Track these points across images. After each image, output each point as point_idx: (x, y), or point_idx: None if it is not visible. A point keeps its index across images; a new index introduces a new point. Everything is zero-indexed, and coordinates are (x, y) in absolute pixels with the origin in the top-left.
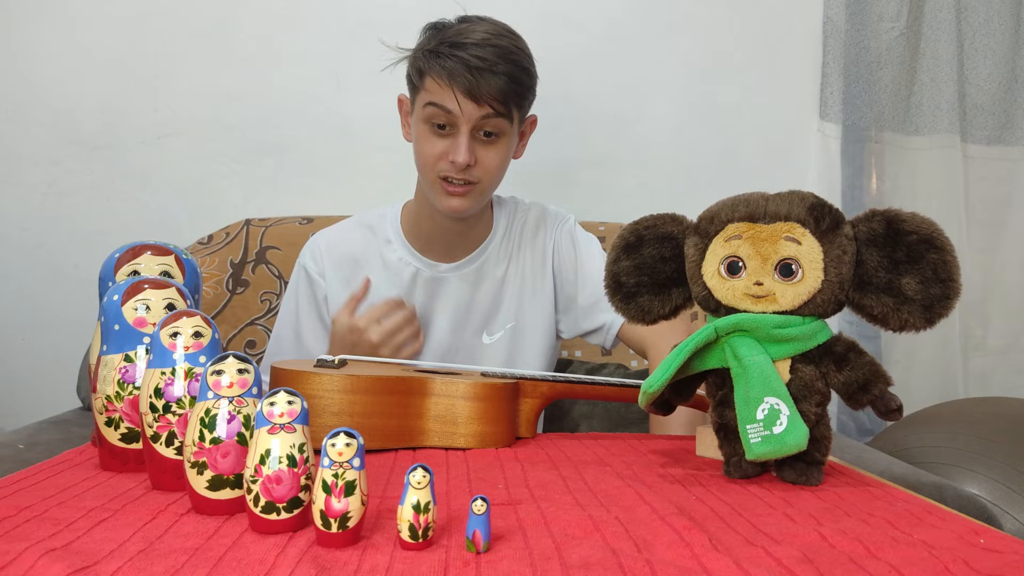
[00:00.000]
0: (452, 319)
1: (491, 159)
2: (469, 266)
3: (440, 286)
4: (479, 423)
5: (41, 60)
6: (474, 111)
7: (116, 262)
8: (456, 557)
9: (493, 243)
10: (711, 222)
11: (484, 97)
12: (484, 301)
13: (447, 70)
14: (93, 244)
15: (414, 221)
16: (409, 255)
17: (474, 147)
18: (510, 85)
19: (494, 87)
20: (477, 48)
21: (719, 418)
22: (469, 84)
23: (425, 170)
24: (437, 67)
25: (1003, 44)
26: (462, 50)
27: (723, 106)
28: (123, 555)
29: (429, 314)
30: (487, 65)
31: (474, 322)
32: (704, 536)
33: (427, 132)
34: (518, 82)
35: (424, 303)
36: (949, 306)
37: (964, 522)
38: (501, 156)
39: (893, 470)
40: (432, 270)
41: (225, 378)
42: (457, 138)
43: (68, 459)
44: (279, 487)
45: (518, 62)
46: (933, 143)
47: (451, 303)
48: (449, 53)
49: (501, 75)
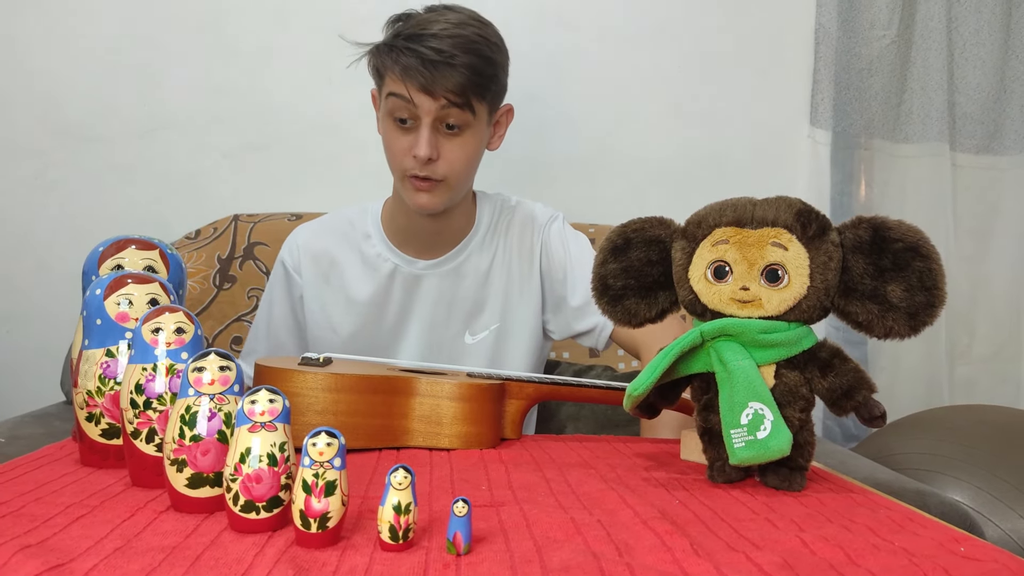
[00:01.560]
0: (431, 317)
1: (455, 153)
2: (449, 263)
3: (419, 283)
4: (464, 424)
5: (29, 51)
6: (430, 105)
7: (100, 256)
8: (436, 559)
9: (475, 239)
10: (699, 226)
11: (439, 91)
12: (465, 299)
13: (400, 65)
14: (79, 237)
15: (392, 217)
16: (388, 251)
17: (437, 140)
18: (470, 77)
19: (450, 80)
20: (434, 40)
21: (704, 422)
22: (424, 79)
23: (392, 166)
24: (390, 62)
25: (993, 54)
26: (418, 43)
27: (714, 110)
28: (99, 552)
29: (408, 312)
30: (443, 58)
31: (455, 321)
32: (686, 541)
33: (392, 127)
34: (479, 73)
35: (402, 300)
36: (934, 314)
37: (945, 530)
38: (467, 150)
39: (877, 476)
40: (411, 266)
41: (206, 375)
42: (418, 131)
43: (48, 454)
44: (259, 486)
45: (479, 51)
46: (922, 151)
47: (430, 301)
48: (404, 47)
49: (459, 67)
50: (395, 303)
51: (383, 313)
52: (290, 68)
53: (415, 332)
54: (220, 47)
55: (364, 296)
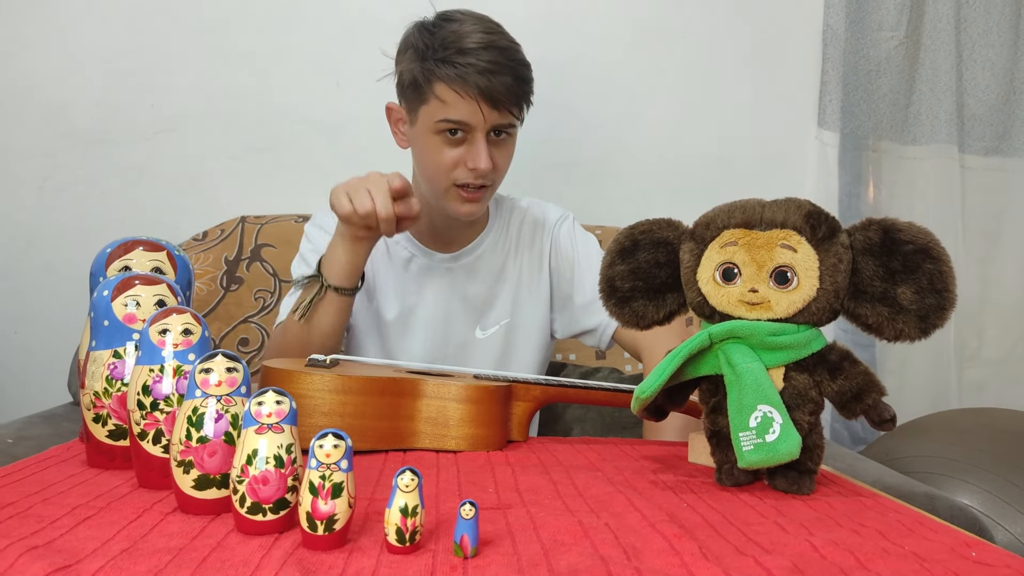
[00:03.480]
0: (444, 309)
1: (504, 159)
2: (464, 258)
3: (433, 274)
4: (470, 426)
5: (36, 55)
6: (491, 115)
7: (107, 257)
8: (443, 562)
9: (489, 237)
10: (707, 228)
11: (501, 101)
12: (478, 295)
13: (461, 76)
14: (86, 239)
15: None
16: (406, 240)
17: (491, 150)
18: (519, 84)
19: (507, 89)
20: (485, 52)
21: (712, 425)
22: (486, 88)
23: (437, 179)
24: (451, 73)
25: (1002, 55)
26: (471, 55)
27: (721, 112)
28: (106, 554)
29: (420, 303)
30: (497, 68)
31: (467, 315)
32: (694, 544)
33: (438, 142)
34: (524, 79)
35: (416, 290)
36: (944, 317)
37: (956, 534)
38: (511, 153)
39: (885, 480)
40: (427, 258)
41: (213, 376)
42: (475, 145)
43: (55, 455)
44: (266, 488)
45: (520, 60)
46: (931, 153)
47: (443, 293)
48: (456, 60)
49: (510, 76)
50: (409, 293)
51: (397, 301)
52: (297, 70)
53: (426, 324)
54: (226, 50)
55: (384, 282)
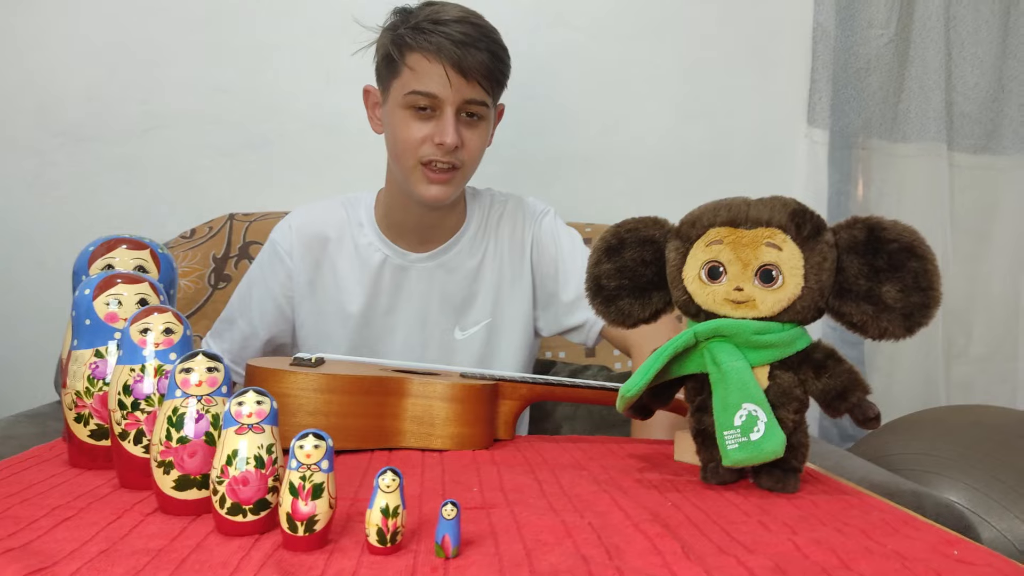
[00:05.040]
0: (421, 310)
1: (474, 142)
2: (440, 257)
3: (408, 275)
4: (456, 424)
5: (27, 50)
6: (462, 87)
7: (90, 256)
8: (424, 563)
9: (466, 235)
10: (692, 226)
11: (472, 72)
12: (456, 294)
13: (434, 44)
14: (77, 236)
15: (386, 210)
16: (379, 241)
17: (459, 128)
18: (493, 62)
19: (480, 63)
20: (458, 24)
21: (697, 423)
22: (457, 58)
23: (405, 156)
24: (423, 42)
25: (991, 53)
26: (445, 26)
27: (711, 109)
28: (83, 556)
29: (396, 304)
30: (471, 40)
31: (446, 316)
32: (677, 544)
33: (407, 117)
34: (499, 60)
35: (391, 291)
36: (929, 315)
37: (939, 533)
38: (482, 140)
39: (872, 477)
40: (401, 258)
41: (194, 376)
42: (442, 120)
43: (37, 455)
44: (246, 488)
45: (497, 41)
46: (920, 151)
47: (419, 293)
48: (432, 28)
49: (484, 51)
50: (384, 294)
51: (372, 304)
52: (287, 67)
53: (404, 326)
54: (217, 46)
55: (353, 285)
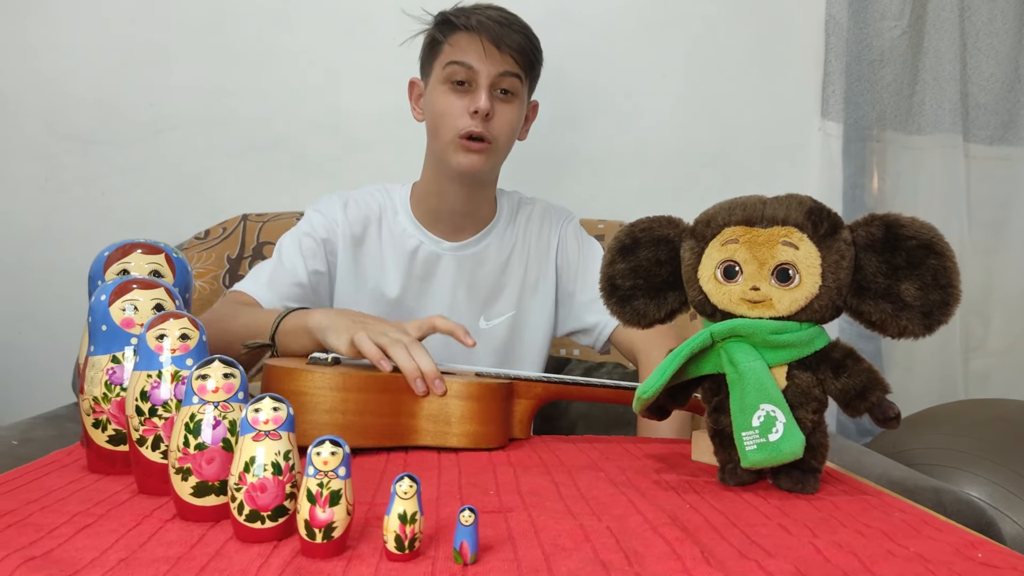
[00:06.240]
0: (450, 297)
1: (507, 117)
2: (471, 247)
3: (440, 262)
4: (472, 423)
5: (37, 54)
6: (497, 60)
7: (105, 261)
8: (443, 569)
9: (496, 228)
10: (707, 225)
11: (506, 48)
12: (484, 285)
13: (474, 21)
14: (88, 239)
15: (421, 198)
16: (413, 227)
17: (493, 101)
18: (528, 44)
19: (515, 41)
20: (497, 11)
21: (715, 424)
22: (494, 34)
23: (443, 130)
24: (465, 21)
25: (1006, 43)
26: (486, 10)
27: (724, 104)
28: (104, 564)
29: (427, 290)
30: (508, 23)
31: (472, 304)
32: (696, 548)
33: (446, 92)
34: (533, 45)
35: (422, 277)
36: (948, 312)
37: (962, 534)
38: (515, 117)
39: (892, 473)
40: (435, 245)
41: (211, 382)
42: (477, 92)
43: (56, 460)
44: (264, 495)
45: (531, 33)
46: (935, 142)
47: (449, 281)
48: (474, 11)
49: (519, 33)
50: (415, 279)
51: (403, 289)
52: (296, 68)
53: (432, 312)
54: (226, 48)
55: (391, 268)
